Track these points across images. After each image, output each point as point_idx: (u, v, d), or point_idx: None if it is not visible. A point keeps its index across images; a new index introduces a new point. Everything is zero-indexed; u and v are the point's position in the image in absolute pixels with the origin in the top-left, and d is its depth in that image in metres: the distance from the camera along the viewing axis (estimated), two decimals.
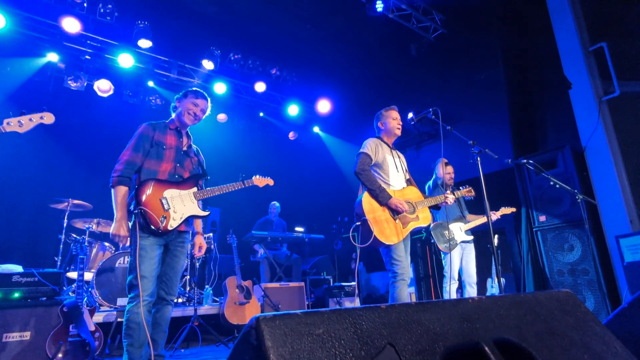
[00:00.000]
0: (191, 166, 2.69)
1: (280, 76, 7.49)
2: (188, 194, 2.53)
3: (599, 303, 4.06)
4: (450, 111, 6.11)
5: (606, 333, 1.17)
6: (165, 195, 2.42)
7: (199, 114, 2.69)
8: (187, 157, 2.68)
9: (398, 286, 2.83)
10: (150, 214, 2.32)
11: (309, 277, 6.11)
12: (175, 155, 2.59)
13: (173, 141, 2.63)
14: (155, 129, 2.60)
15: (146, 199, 2.35)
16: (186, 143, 2.73)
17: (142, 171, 2.48)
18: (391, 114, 3.27)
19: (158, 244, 2.40)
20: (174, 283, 2.52)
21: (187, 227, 2.58)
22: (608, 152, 4.27)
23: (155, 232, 2.34)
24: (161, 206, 2.38)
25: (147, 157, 2.50)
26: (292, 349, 0.64)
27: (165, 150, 2.55)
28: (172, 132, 2.67)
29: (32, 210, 5.63)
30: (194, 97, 2.69)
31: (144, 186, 2.38)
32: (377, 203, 2.92)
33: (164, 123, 2.70)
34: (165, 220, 2.36)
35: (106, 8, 5.60)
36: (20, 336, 2.98)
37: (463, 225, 4.18)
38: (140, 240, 2.33)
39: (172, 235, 2.49)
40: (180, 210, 2.46)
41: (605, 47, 4.42)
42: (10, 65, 5.75)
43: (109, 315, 3.74)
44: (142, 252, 2.31)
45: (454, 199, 3.29)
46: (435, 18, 6.29)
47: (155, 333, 2.41)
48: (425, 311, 0.87)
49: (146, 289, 2.28)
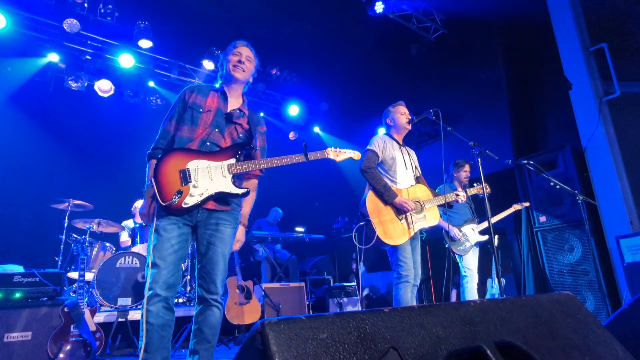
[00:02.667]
0: (236, 134, 2.17)
1: (280, 76, 7.50)
2: (220, 166, 2.02)
3: (599, 304, 4.06)
4: (450, 111, 6.13)
5: (607, 335, 1.18)
6: (188, 166, 1.96)
7: (243, 59, 2.24)
8: (232, 123, 2.17)
9: (402, 287, 2.80)
10: (155, 187, 1.90)
11: (309, 277, 6.12)
12: (213, 119, 2.13)
13: (214, 103, 2.18)
14: (194, 92, 2.18)
15: (163, 170, 1.94)
16: (234, 106, 2.24)
17: (174, 141, 2.08)
18: (399, 109, 3.23)
19: (178, 225, 1.95)
20: (214, 278, 1.97)
21: (223, 205, 2.05)
22: (608, 152, 4.27)
23: (167, 210, 1.90)
24: (179, 179, 1.93)
25: (181, 124, 2.10)
26: (296, 353, 0.64)
27: (202, 113, 2.12)
28: (216, 93, 2.23)
29: (33, 211, 5.63)
30: (232, 47, 2.29)
31: (166, 155, 1.98)
32: (382, 202, 2.89)
33: (211, 86, 2.31)
34: (180, 197, 1.90)
35: (107, 8, 5.61)
36: (21, 336, 2.99)
37: (475, 226, 4.16)
38: (157, 220, 1.92)
39: (199, 215, 2.01)
40: (204, 185, 1.96)
41: (605, 47, 4.42)
42: (11, 65, 5.75)
43: (109, 315, 3.74)
44: (156, 234, 1.90)
45: (465, 196, 3.23)
46: (435, 18, 6.29)
47: (197, 342, 1.94)
48: (428, 314, 0.87)
49: (158, 279, 1.83)
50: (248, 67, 2.27)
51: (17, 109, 5.86)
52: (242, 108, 2.26)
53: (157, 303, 1.82)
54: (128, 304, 4.01)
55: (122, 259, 4.17)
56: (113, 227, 4.66)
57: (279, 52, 7.01)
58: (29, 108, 5.93)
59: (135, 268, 4.19)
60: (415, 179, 3.18)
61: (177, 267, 1.92)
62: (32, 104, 5.96)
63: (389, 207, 2.89)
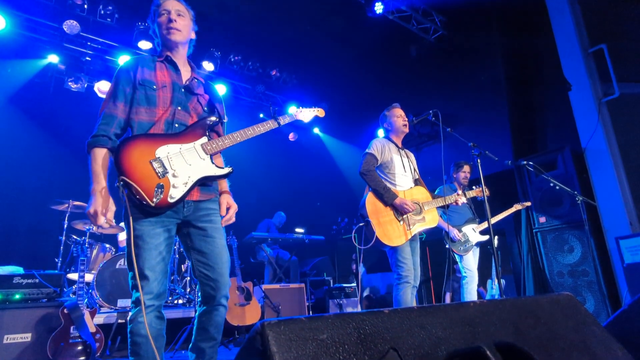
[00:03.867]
0: (200, 108, 1.92)
1: (280, 77, 7.51)
2: (193, 148, 1.77)
3: (599, 304, 4.06)
4: (450, 112, 6.13)
5: (607, 336, 1.18)
6: (158, 154, 1.68)
7: (173, 17, 1.89)
8: (192, 94, 1.91)
9: (402, 288, 2.81)
10: (135, 186, 1.61)
11: (309, 279, 6.11)
12: (172, 95, 1.84)
13: (165, 76, 1.87)
14: (139, 65, 1.85)
15: (130, 165, 1.63)
16: (188, 77, 1.95)
17: (133, 128, 1.78)
18: (395, 112, 3.25)
19: (163, 227, 1.72)
20: (221, 273, 1.79)
21: (209, 193, 1.86)
22: (608, 153, 4.28)
23: (151, 210, 1.65)
24: (153, 171, 1.65)
25: (134, 106, 1.79)
26: (296, 354, 0.65)
27: (156, 90, 1.82)
28: (163, 64, 1.91)
29: (33, 212, 5.63)
30: (155, 7, 1.94)
31: (125, 146, 1.66)
32: (382, 203, 2.90)
33: (149, 56, 1.96)
34: (163, 191, 1.65)
35: (106, 10, 5.62)
36: (21, 338, 2.99)
37: (476, 226, 4.16)
38: (135, 224, 1.65)
39: (186, 209, 1.77)
40: (184, 172, 1.71)
41: (605, 48, 4.43)
42: (10, 66, 5.76)
43: (109, 316, 3.74)
44: (137, 241, 1.65)
45: (464, 200, 3.25)
46: (435, 19, 6.30)
47: (201, 340, 1.78)
48: (427, 315, 0.88)
49: (149, 291, 1.64)
50: (183, 23, 1.92)
51: (17, 110, 5.85)
52: (196, 76, 1.98)
53: (150, 313, 1.65)
54: (128, 305, 4.01)
55: (121, 260, 4.17)
56: (112, 228, 4.66)
57: (278, 53, 7.02)
58: (29, 109, 5.93)
59: None
60: (414, 181, 3.20)
61: (167, 274, 1.74)
62: (32, 105, 5.96)
63: (389, 209, 2.91)
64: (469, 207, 4.28)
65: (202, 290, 1.80)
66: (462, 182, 4.27)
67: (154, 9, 1.94)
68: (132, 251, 1.62)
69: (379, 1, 5.72)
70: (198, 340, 1.78)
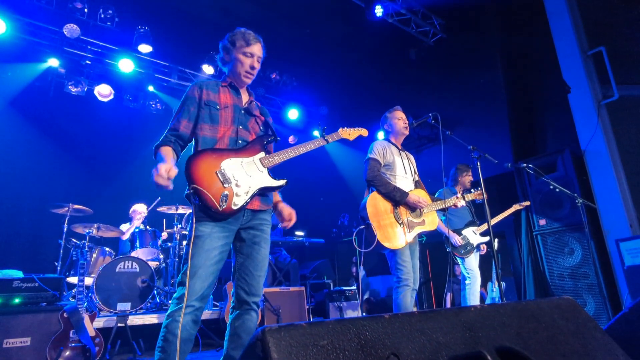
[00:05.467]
0: (257, 127, 2.14)
1: (280, 80, 7.52)
2: (253, 162, 1.98)
3: (600, 307, 4.06)
4: (449, 115, 6.14)
5: (607, 340, 1.18)
6: (222, 166, 1.88)
7: (255, 65, 2.09)
8: (251, 116, 2.13)
9: (401, 291, 2.81)
10: (205, 192, 1.78)
11: (309, 282, 6.10)
12: (233, 115, 2.05)
13: (228, 99, 2.08)
14: (204, 88, 2.06)
15: (199, 175, 1.82)
16: (247, 100, 2.18)
17: (198, 142, 1.98)
18: (396, 114, 3.26)
19: (223, 233, 1.86)
20: (257, 280, 1.92)
21: (265, 205, 2.04)
22: (607, 155, 4.28)
23: (216, 215, 1.82)
24: (219, 181, 1.84)
25: (199, 123, 1.99)
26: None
27: (219, 110, 2.02)
28: (226, 88, 2.13)
29: (33, 215, 5.62)
30: (244, 42, 2.07)
31: (195, 159, 1.86)
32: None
33: (215, 81, 2.17)
34: (228, 199, 1.83)
35: (107, 13, 5.63)
36: (20, 342, 2.97)
37: (476, 228, 4.17)
38: (197, 225, 1.81)
39: (244, 218, 1.94)
40: (245, 182, 1.90)
41: (604, 51, 4.44)
42: (11, 70, 5.77)
43: (109, 320, 3.73)
44: (197, 241, 1.79)
45: (464, 203, 3.26)
46: (434, 22, 6.32)
47: (233, 347, 1.85)
48: (428, 320, 0.87)
49: (194, 292, 1.73)
50: (257, 69, 2.13)
51: (17, 113, 5.86)
52: (253, 100, 2.22)
53: (188, 315, 1.72)
54: (127, 309, 4.00)
55: (121, 263, 4.16)
56: (113, 231, 4.66)
57: (278, 56, 7.03)
58: (29, 113, 5.94)
59: (134, 273, 4.18)
60: (414, 183, 3.21)
61: (216, 278, 1.84)
62: (32, 108, 5.97)
63: (389, 211, 2.91)
64: (469, 210, 4.28)
65: (236, 294, 1.92)
66: (467, 186, 4.27)
67: (240, 40, 2.07)
68: (191, 249, 1.76)
69: (378, 4, 5.74)
70: (231, 348, 1.85)
